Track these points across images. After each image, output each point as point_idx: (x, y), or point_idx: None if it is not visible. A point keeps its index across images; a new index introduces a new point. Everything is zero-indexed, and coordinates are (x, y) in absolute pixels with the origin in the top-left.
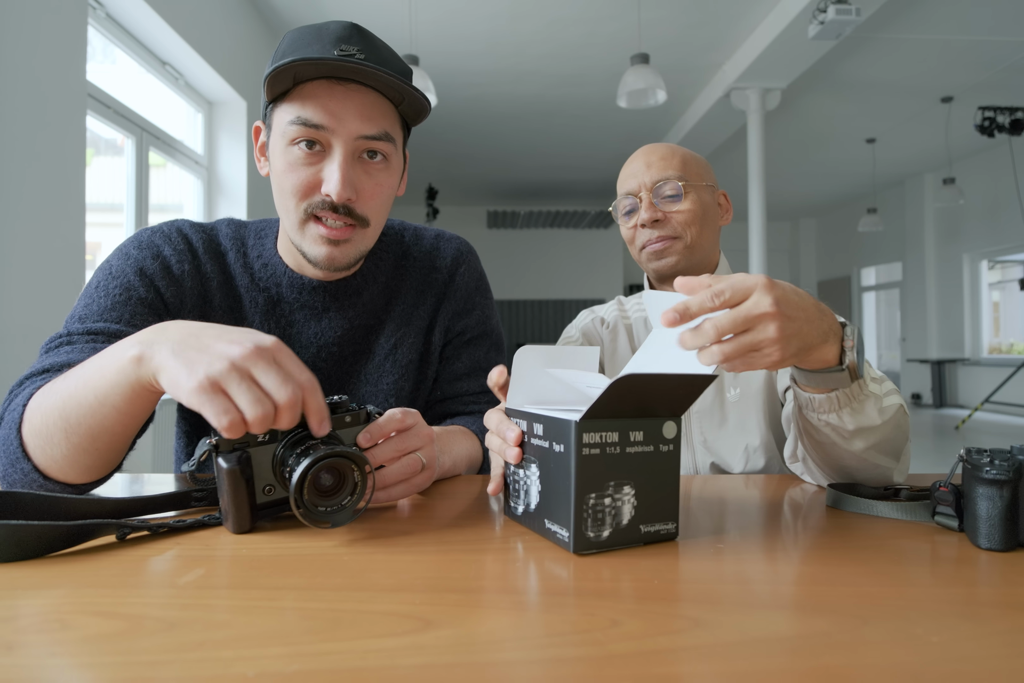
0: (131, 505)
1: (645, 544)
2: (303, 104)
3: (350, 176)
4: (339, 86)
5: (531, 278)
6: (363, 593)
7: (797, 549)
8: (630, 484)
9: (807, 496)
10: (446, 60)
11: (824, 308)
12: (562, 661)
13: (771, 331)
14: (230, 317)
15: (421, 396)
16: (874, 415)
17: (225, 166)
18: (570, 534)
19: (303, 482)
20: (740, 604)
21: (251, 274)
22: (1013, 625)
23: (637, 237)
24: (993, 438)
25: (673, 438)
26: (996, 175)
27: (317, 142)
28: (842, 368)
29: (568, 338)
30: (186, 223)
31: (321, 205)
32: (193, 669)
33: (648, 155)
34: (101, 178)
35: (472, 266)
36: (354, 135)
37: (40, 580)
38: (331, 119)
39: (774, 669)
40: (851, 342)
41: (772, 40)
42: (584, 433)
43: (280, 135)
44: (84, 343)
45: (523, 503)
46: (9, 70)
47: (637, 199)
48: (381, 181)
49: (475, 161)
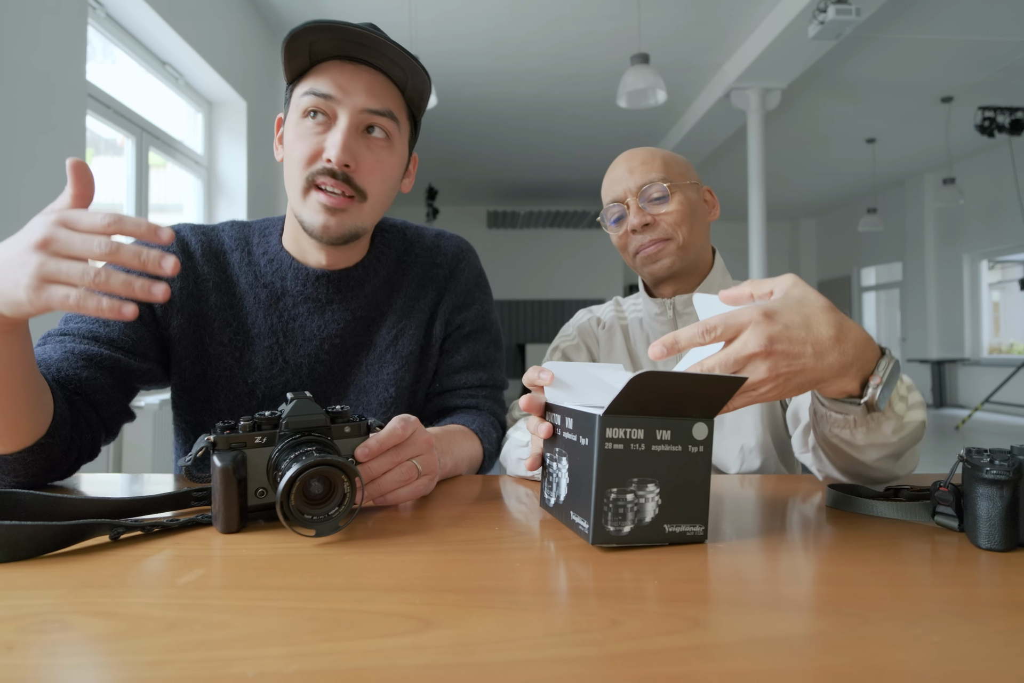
0: (130, 505)
1: (670, 544)
2: (316, 78)
3: (350, 144)
4: (350, 65)
5: (531, 278)
6: (363, 593)
7: (797, 549)
8: (655, 482)
9: (807, 496)
10: (446, 60)
11: (853, 338)
12: (562, 661)
13: (761, 371)
14: (227, 314)
15: (421, 388)
16: (889, 434)
17: (225, 166)
18: (590, 526)
19: (291, 487)
20: (740, 604)
21: (255, 271)
22: (1013, 625)
23: (629, 243)
24: (993, 438)
25: (704, 440)
26: (996, 175)
27: (324, 113)
28: (858, 403)
29: (565, 337)
30: (186, 227)
31: (322, 171)
32: (193, 669)
33: (629, 160)
34: (101, 178)
35: (471, 262)
36: (359, 107)
37: (39, 580)
38: (339, 91)
39: (774, 669)
40: (879, 379)
41: (772, 40)
42: (608, 427)
43: (295, 108)
44: (54, 342)
45: (554, 495)
46: (9, 70)
47: (624, 205)
48: (382, 158)
49: (475, 161)
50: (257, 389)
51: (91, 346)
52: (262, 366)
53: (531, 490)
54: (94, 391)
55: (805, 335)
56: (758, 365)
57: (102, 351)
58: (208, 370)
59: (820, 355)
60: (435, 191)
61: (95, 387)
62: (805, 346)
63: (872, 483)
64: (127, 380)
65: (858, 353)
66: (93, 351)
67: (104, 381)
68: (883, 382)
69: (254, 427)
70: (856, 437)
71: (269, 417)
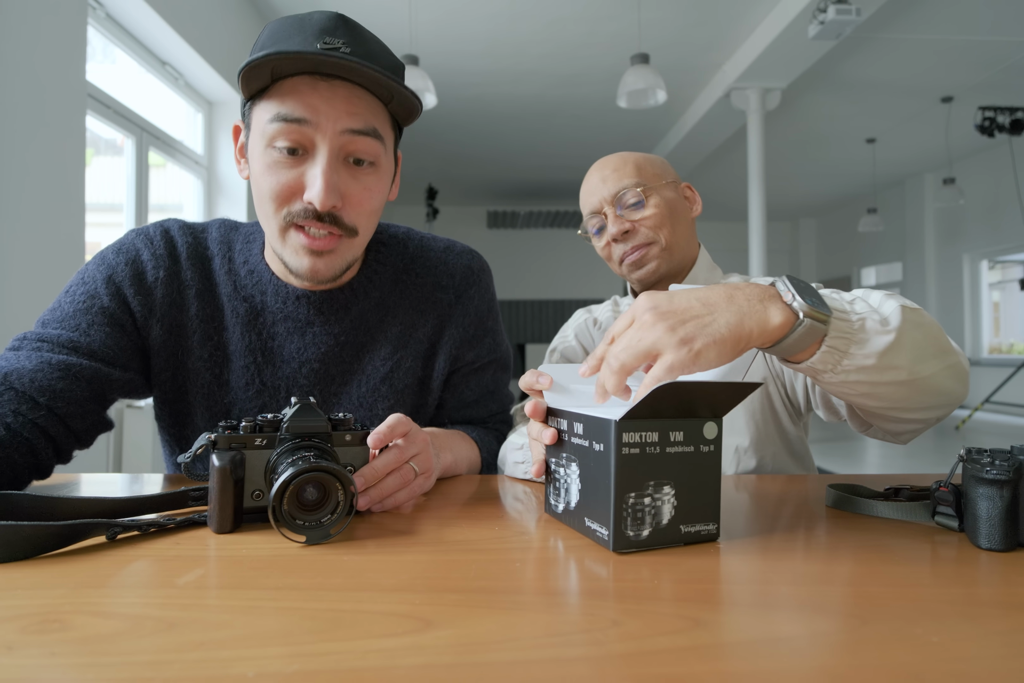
0: (127, 505)
1: (686, 544)
2: (282, 100)
3: (334, 181)
4: (323, 82)
5: (531, 278)
6: (363, 593)
7: (797, 549)
8: (670, 484)
9: (807, 496)
10: (446, 60)
11: (741, 288)
12: (562, 661)
13: (659, 330)
14: (208, 326)
15: (420, 420)
16: (879, 331)
17: (225, 166)
18: (610, 533)
19: (284, 490)
20: (740, 604)
21: (235, 281)
22: (1013, 625)
23: (613, 252)
24: (993, 438)
25: (714, 439)
26: (996, 175)
27: (299, 146)
28: (801, 320)
29: (563, 338)
30: (176, 224)
31: (303, 213)
32: (193, 669)
33: (601, 170)
34: (101, 178)
35: (484, 286)
36: (339, 130)
37: (38, 580)
38: (313, 113)
39: (774, 669)
40: (790, 294)
41: (772, 40)
42: (624, 433)
43: (259, 134)
44: (30, 350)
45: (563, 501)
46: (9, 70)
47: (602, 216)
48: (370, 185)
49: (475, 161)
50: (233, 409)
51: (69, 356)
52: (238, 386)
53: (530, 490)
54: (69, 403)
55: (687, 295)
56: (656, 328)
57: (81, 361)
58: (187, 385)
59: (712, 305)
60: (435, 191)
61: (70, 399)
62: (691, 301)
63: (937, 407)
64: (105, 392)
65: (753, 293)
66: (72, 361)
67: (80, 393)
68: (795, 293)
69: (255, 429)
70: (859, 359)
71: (271, 420)
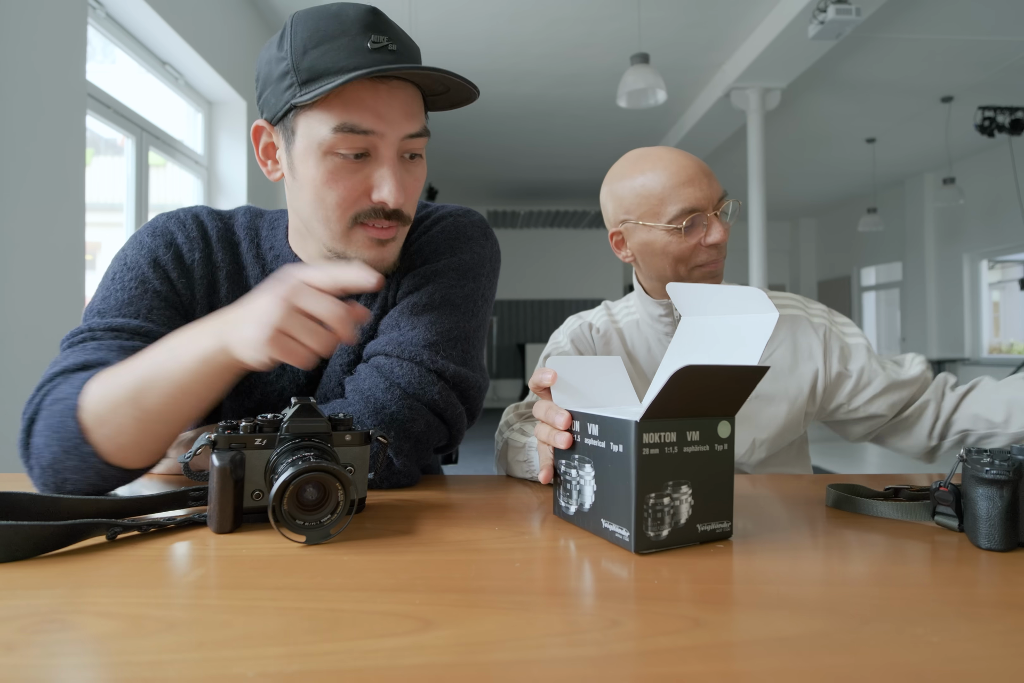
0: (127, 505)
1: (701, 543)
2: (346, 109)
3: (404, 182)
4: (382, 85)
5: (531, 278)
6: (363, 593)
7: (797, 549)
8: (687, 484)
9: (807, 496)
10: (446, 60)
11: None
12: (562, 661)
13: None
14: None
15: None
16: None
17: (225, 166)
18: (631, 534)
19: (284, 490)
20: (740, 604)
21: (263, 265)
22: (1013, 625)
23: (696, 255)
24: None
25: (727, 437)
26: (996, 175)
27: (364, 151)
28: None
29: (557, 345)
30: (204, 210)
31: (372, 213)
32: (193, 669)
33: (700, 165)
34: (101, 178)
35: (458, 220)
36: (401, 136)
37: (38, 580)
38: (379, 122)
39: (774, 669)
40: None
41: (772, 40)
42: (644, 433)
43: (314, 142)
44: (110, 340)
45: (576, 503)
46: (9, 70)
47: (704, 215)
48: (419, 175)
49: (475, 161)
50: (255, 390)
51: (145, 343)
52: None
53: (530, 489)
54: None
55: None
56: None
57: None
58: None
59: None
60: (435, 191)
61: None
62: None
63: None
64: None
65: None
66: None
67: None
68: None
69: (255, 429)
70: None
71: (271, 420)
